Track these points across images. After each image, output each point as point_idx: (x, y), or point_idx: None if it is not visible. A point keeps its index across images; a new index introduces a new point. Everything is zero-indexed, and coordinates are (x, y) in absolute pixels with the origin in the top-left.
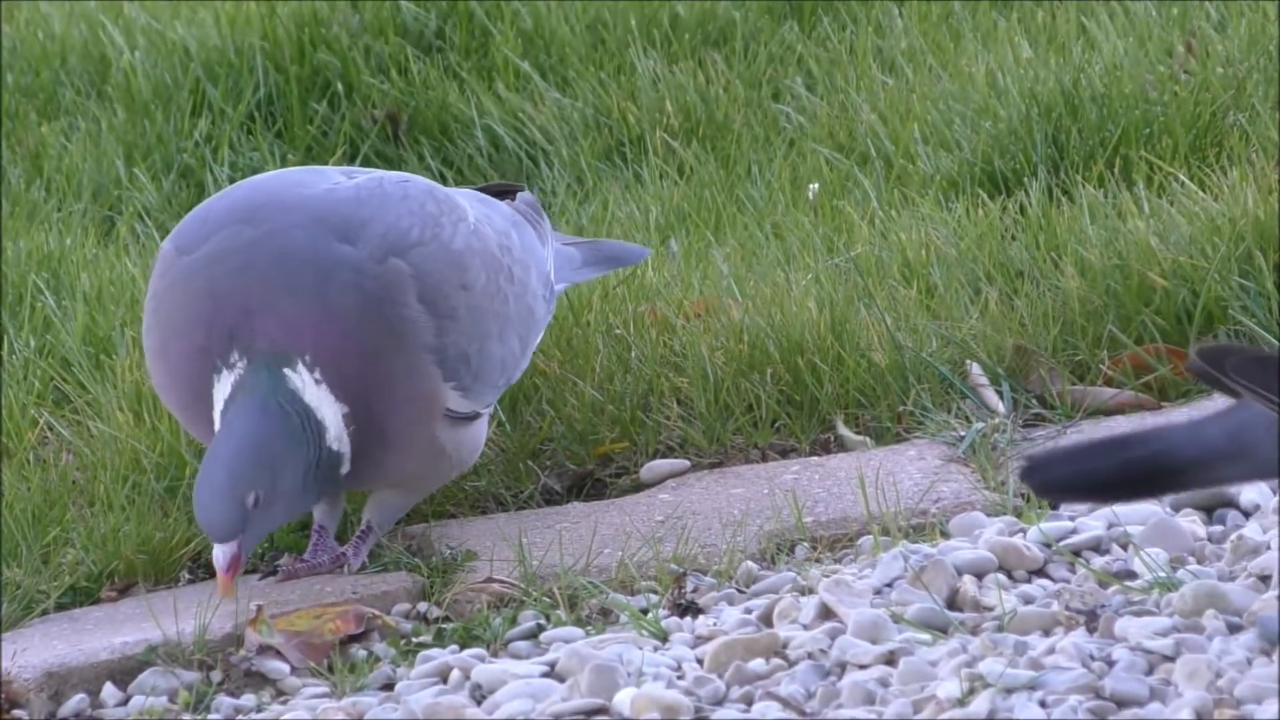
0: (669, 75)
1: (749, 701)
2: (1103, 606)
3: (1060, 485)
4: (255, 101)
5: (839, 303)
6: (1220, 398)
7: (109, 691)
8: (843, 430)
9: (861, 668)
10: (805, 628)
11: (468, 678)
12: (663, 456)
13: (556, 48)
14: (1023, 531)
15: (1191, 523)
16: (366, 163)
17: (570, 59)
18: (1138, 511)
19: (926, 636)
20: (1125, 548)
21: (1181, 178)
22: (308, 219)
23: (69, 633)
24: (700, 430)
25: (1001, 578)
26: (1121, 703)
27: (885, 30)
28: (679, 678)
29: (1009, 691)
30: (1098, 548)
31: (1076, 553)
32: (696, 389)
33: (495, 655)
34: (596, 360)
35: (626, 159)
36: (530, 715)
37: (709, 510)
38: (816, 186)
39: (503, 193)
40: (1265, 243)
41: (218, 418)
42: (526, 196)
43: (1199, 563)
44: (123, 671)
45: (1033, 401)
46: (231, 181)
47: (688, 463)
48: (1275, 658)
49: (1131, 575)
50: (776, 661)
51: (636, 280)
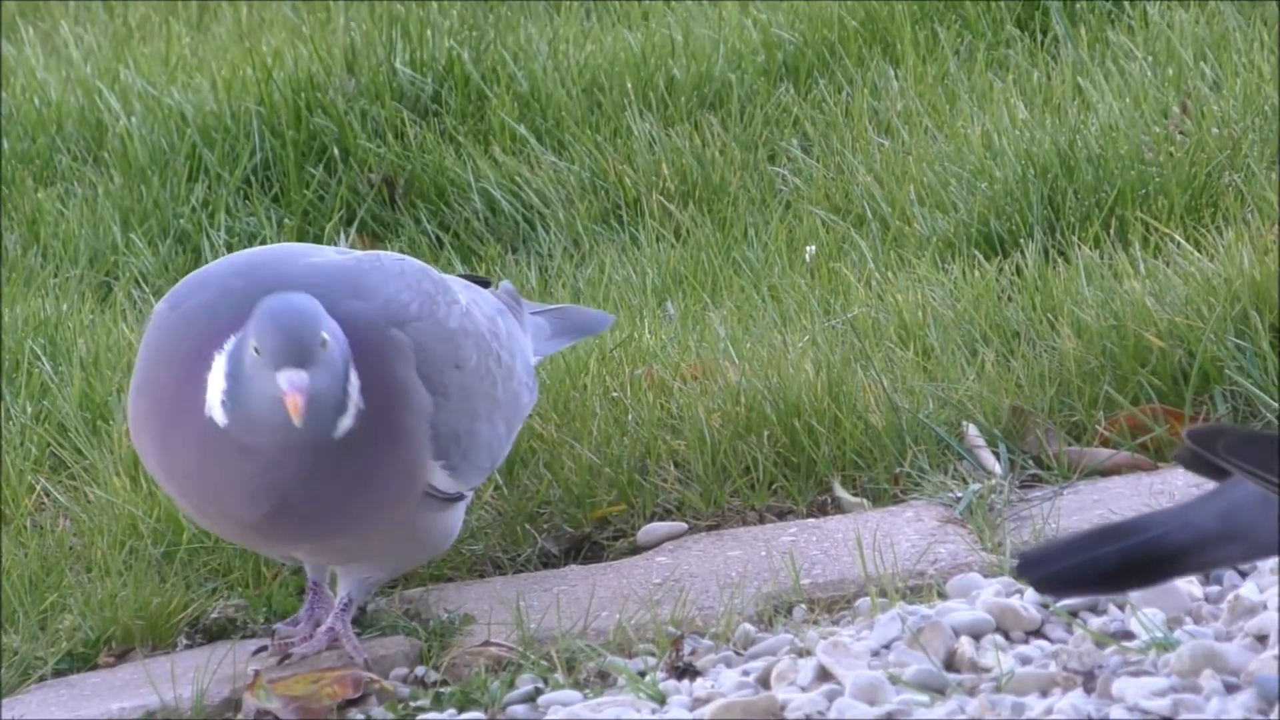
0: (665, 138)
1: None
2: (1100, 667)
3: (1056, 581)
4: (251, 166)
5: (836, 364)
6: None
7: None
8: (840, 492)
9: None
10: (803, 689)
11: None
12: (660, 519)
13: (553, 111)
14: (1020, 592)
15: (1189, 583)
16: (363, 226)
17: (566, 122)
18: None
19: (924, 698)
20: (1122, 608)
21: (1177, 238)
22: (309, 281)
23: (67, 699)
24: (697, 493)
25: (999, 639)
26: None
27: (881, 92)
28: None
29: None
30: (1095, 608)
31: (1074, 613)
32: (694, 451)
33: (493, 719)
34: (593, 423)
35: (623, 222)
36: None
37: (706, 573)
38: (813, 248)
39: (480, 283)
40: (1261, 303)
41: (222, 360)
42: (507, 285)
43: (1196, 623)
44: None
45: (1029, 462)
46: (229, 246)
47: (685, 525)
48: (1274, 717)
49: (1129, 635)
50: None
51: (634, 343)
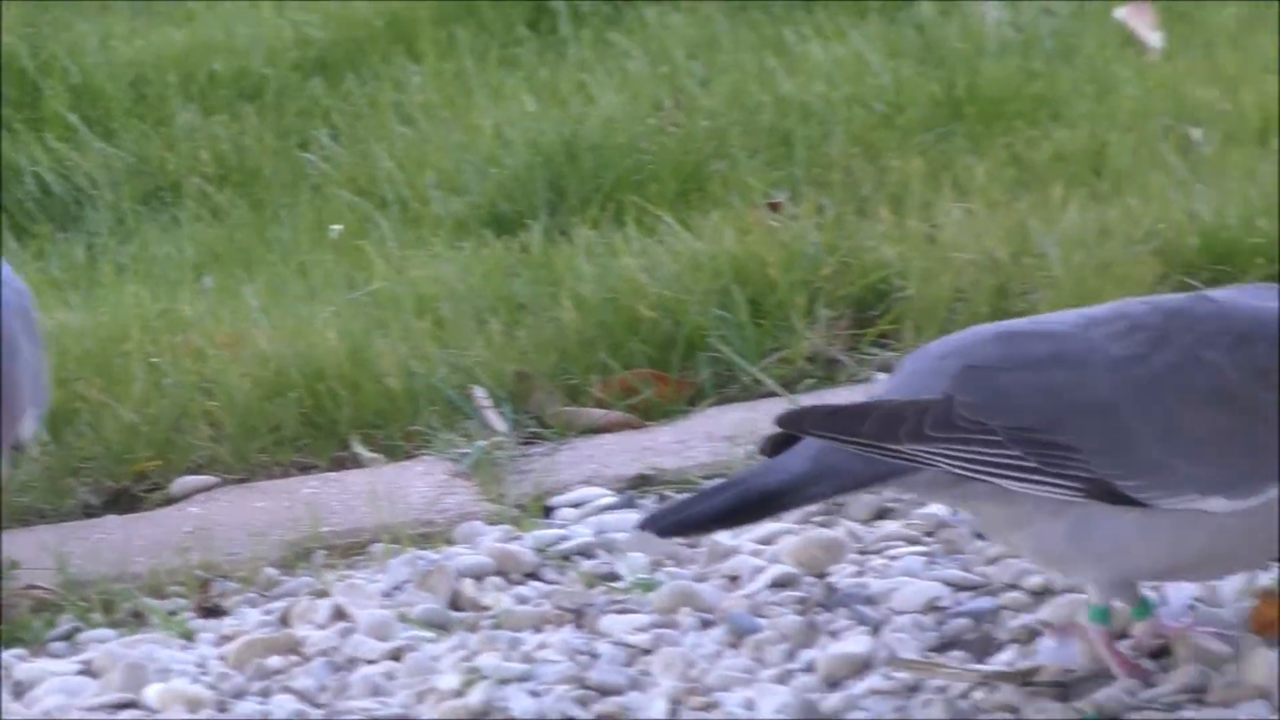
0: (205, 125)
1: (267, 695)
2: (589, 605)
3: (678, 528)
4: None
5: (358, 333)
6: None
7: None
8: (358, 448)
9: (370, 663)
10: (320, 627)
11: (10, 675)
12: (193, 473)
13: (102, 102)
14: (519, 539)
15: None
16: None
17: (115, 112)
18: (622, 520)
19: (430, 634)
20: (610, 552)
21: (668, 220)
22: None
23: None
24: (228, 449)
25: (499, 580)
26: (604, 692)
27: (404, 86)
28: (203, 674)
29: (504, 683)
30: (586, 553)
31: (566, 557)
32: (226, 412)
33: (35, 655)
34: (134, 386)
35: (165, 203)
36: (67, 710)
37: (234, 522)
38: (339, 228)
39: None
40: (741, 279)
41: None
42: None
43: (676, 565)
44: None
45: (531, 422)
46: None
47: (217, 479)
48: (743, 648)
49: (616, 577)
50: (293, 658)
51: (173, 313)
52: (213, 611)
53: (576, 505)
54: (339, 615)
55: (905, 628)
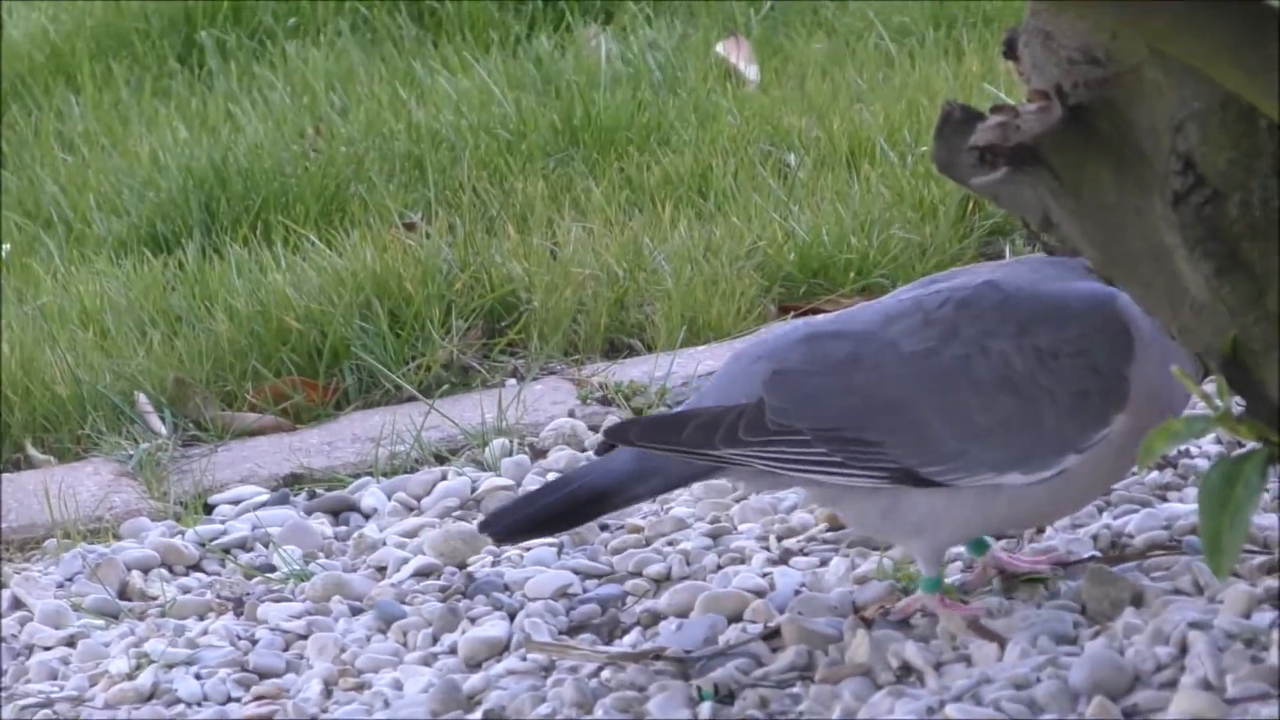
0: None
1: None
2: (249, 594)
3: (514, 529)
4: None
5: (28, 344)
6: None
7: None
8: (31, 450)
9: (46, 649)
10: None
11: None
12: None
13: None
14: (181, 533)
15: (321, 524)
16: None
17: None
18: (276, 515)
19: (101, 622)
20: (267, 545)
21: (312, 238)
22: None
23: None
24: None
25: (164, 572)
26: (264, 674)
27: (65, 116)
28: None
29: (170, 667)
30: (244, 546)
31: (227, 550)
32: None
33: None
34: None
35: None
36: None
37: None
38: (8, 247)
39: None
40: (382, 292)
41: None
42: None
43: (328, 557)
44: None
45: (190, 425)
46: None
47: None
48: (390, 633)
49: (272, 568)
50: None
51: None
52: None
53: (235, 502)
54: (17, 605)
55: (539, 613)
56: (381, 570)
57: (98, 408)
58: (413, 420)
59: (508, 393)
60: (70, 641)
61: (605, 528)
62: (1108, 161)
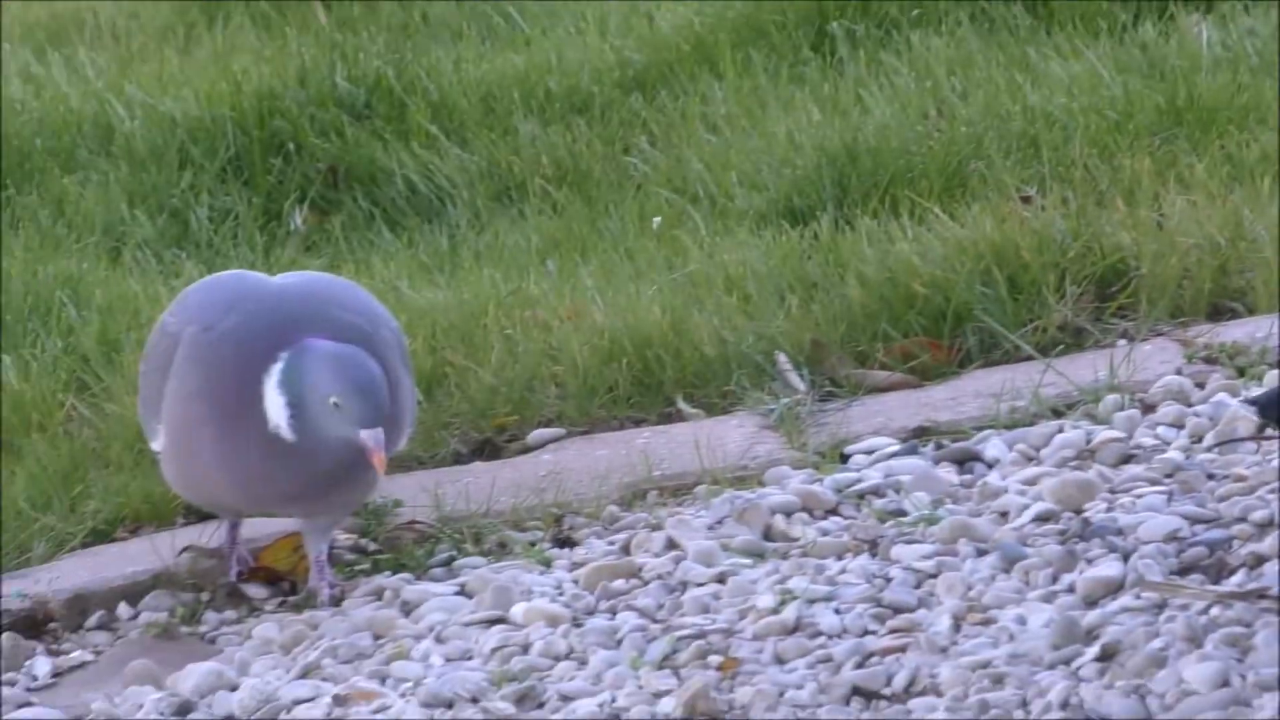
0: (544, 135)
1: (613, 612)
2: (882, 536)
3: None
4: (227, 158)
5: (678, 308)
6: (970, 374)
7: (123, 609)
8: (682, 405)
9: (699, 585)
10: (656, 556)
11: (398, 596)
12: (544, 426)
13: (457, 115)
14: (820, 480)
15: (948, 472)
16: (313, 204)
17: (468, 124)
18: (906, 464)
19: (748, 561)
20: (898, 492)
21: (936, 210)
22: (301, 293)
23: (91, 564)
24: (573, 406)
25: (804, 516)
26: (897, 609)
27: (709, 100)
28: (559, 594)
29: (811, 602)
30: (877, 492)
31: (861, 496)
32: (569, 374)
33: (418, 579)
34: (492, 354)
35: (513, 200)
36: (446, 624)
37: (580, 467)
38: (659, 220)
39: None
40: (1000, 260)
41: (273, 384)
42: None
43: (954, 502)
44: (133, 593)
45: (826, 382)
46: (210, 219)
47: (564, 431)
48: (1013, 573)
49: (903, 513)
50: (634, 581)
51: (522, 293)
52: (566, 542)
53: (868, 452)
54: (671, 545)
55: (1151, 555)
56: (1004, 515)
57: (742, 366)
58: (1031, 377)
59: (1118, 352)
60: (720, 579)
61: (1211, 476)
62: None
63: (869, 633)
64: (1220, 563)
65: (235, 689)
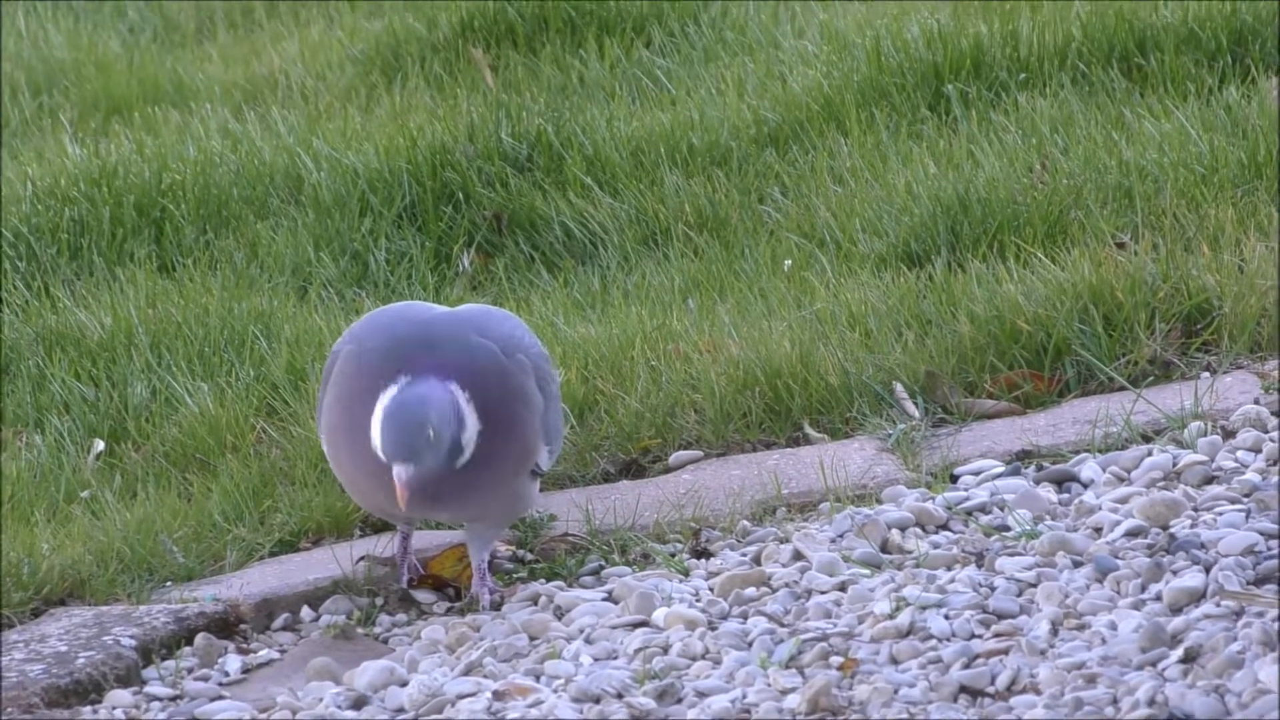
0: (687, 186)
1: (745, 617)
2: (987, 550)
3: None
4: (403, 206)
5: (805, 342)
6: (1068, 403)
7: (305, 612)
8: (809, 430)
9: (822, 593)
10: (783, 566)
11: (552, 601)
12: (684, 449)
13: (610, 167)
14: (932, 499)
15: (1048, 492)
16: (479, 247)
17: (619, 175)
18: (1010, 484)
19: (867, 571)
20: (1002, 509)
21: (1039, 255)
22: (450, 320)
23: (278, 571)
24: (710, 430)
25: (918, 530)
26: (1001, 615)
27: (835, 154)
28: (697, 600)
29: (924, 609)
30: (984, 509)
31: (969, 513)
32: (707, 401)
33: (570, 586)
34: (638, 383)
35: (658, 244)
36: (595, 626)
37: (717, 486)
38: (790, 262)
39: None
40: (1097, 299)
41: (381, 404)
42: None
43: (1053, 519)
44: (315, 598)
45: (938, 410)
46: (388, 261)
47: (702, 453)
48: (1105, 583)
49: (1007, 528)
50: (764, 589)
51: (666, 328)
52: (702, 554)
53: (975, 473)
54: (797, 557)
55: (1230, 566)
56: (1098, 530)
57: (862, 395)
58: (1123, 406)
59: (1202, 384)
60: (841, 587)
61: None
62: None
63: (975, 636)
64: None
65: (405, 684)
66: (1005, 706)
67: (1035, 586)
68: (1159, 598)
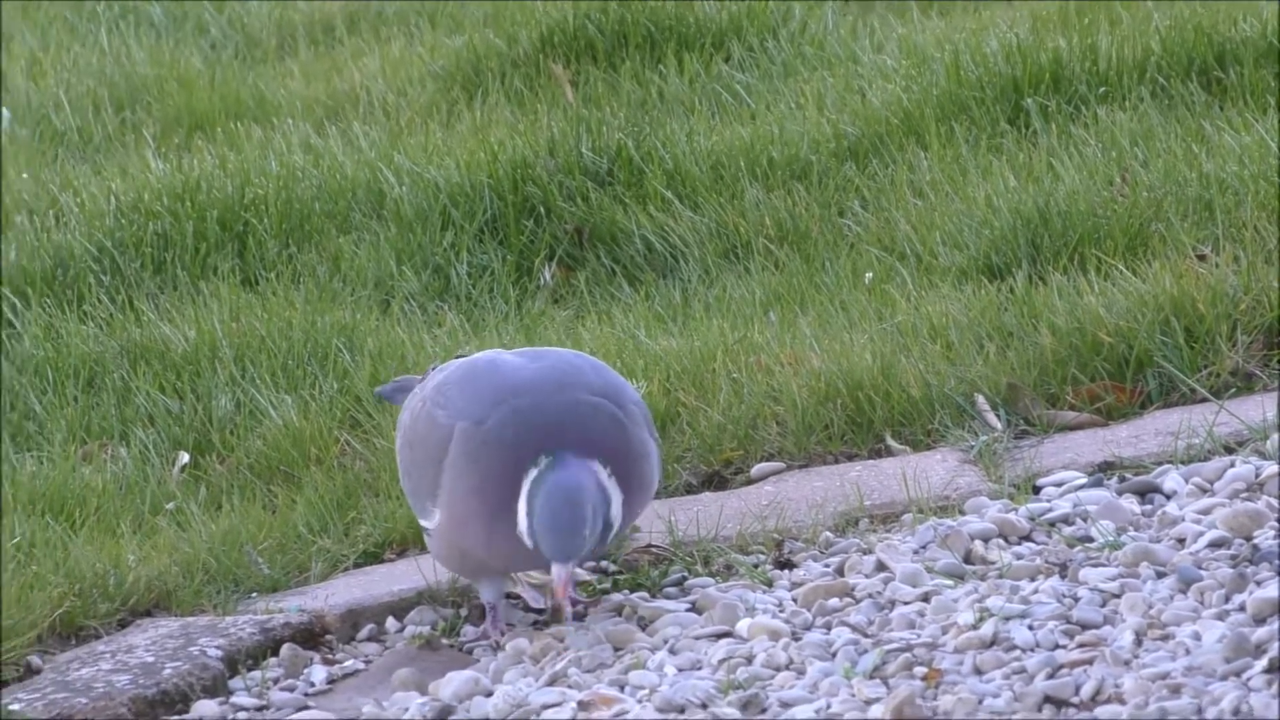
0: (767, 200)
1: (829, 627)
2: (1071, 560)
3: None
4: (484, 220)
5: (886, 354)
6: (1150, 415)
7: (390, 623)
8: (891, 441)
9: (906, 603)
10: (866, 576)
11: (635, 612)
12: (766, 460)
13: (690, 181)
14: (1014, 510)
15: (1131, 503)
16: (560, 260)
17: (699, 189)
18: (1093, 495)
19: (950, 582)
20: (1085, 520)
21: (1120, 267)
22: (557, 381)
23: (362, 582)
24: (792, 442)
25: (1001, 541)
26: (1084, 626)
27: (915, 167)
28: (780, 611)
29: (1007, 619)
30: (1067, 520)
31: (1052, 524)
32: (789, 413)
33: (654, 597)
34: (720, 395)
35: (739, 257)
36: (679, 637)
37: (799, 497)
38: (871, 275)
39: None
40: (1178, 311)
41: (525, 490)
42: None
43: (1136, 530)
44: (400, 608)
45: (1020, 421)
46: (469, 273)
47: (783, 465)
48: (1189, 593)
49: (1090, 539)
50: (847, 600)
51: (748, 340)
52: (786, 565)
53: (1058, 484)
54: (880, 568)
55: None
56: (1181, 541)
57: (944, 406)
58: (1205, 418)
59: None
60: (925, 597)
61: None
62: None
63: (1059, 647)
64: None
65: (490, 695)
66: (1090, 716)
67: (1119, 597)
68: (1242, 608)
